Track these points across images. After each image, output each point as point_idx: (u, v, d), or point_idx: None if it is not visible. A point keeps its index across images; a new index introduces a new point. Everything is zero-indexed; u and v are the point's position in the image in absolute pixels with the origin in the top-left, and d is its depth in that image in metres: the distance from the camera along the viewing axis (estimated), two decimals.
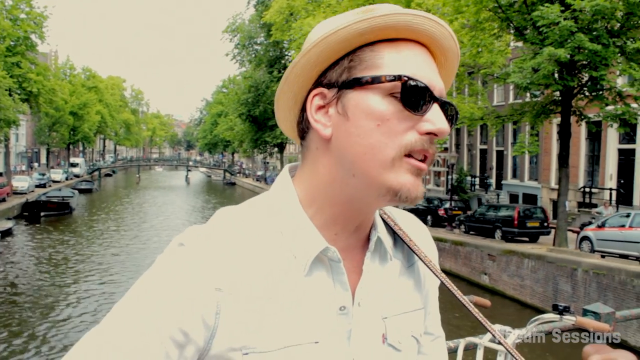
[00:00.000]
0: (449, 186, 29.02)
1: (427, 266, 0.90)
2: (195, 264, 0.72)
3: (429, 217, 24.67)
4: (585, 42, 13.56)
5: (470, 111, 19.02)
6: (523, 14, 15.67)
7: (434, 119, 0.74)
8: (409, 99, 0.73)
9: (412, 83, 0.73)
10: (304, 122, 0.82)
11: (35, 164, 62.73)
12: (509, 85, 21.08)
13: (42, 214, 32.25)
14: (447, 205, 25.16)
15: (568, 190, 17.58)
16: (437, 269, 0.91)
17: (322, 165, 0.79)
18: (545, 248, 16.88)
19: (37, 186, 42.28)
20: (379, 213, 0.89)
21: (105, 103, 73.86)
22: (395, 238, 0.91)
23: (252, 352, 0.72)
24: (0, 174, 38.50)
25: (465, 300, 0.92)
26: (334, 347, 0.77)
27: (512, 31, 17.14)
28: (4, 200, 32.76)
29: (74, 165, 64.36)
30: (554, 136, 23.58)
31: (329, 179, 0.79)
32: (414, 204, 0.77)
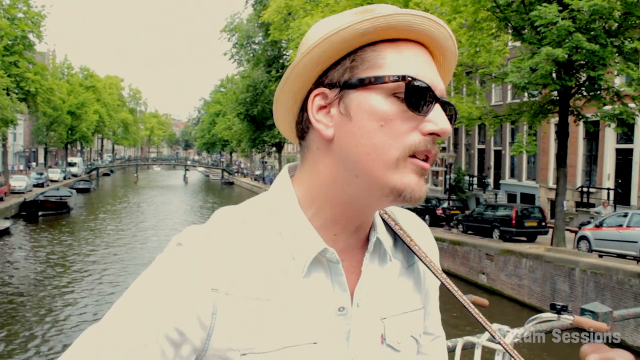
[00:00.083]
0: (447, 186, 29.02)
1: (428, 267, 0.90)
2: (193, 264, 0.73)
3: (427, 217, 24.64)
4: (583, 42, 13.57)
5: (468, 111, 19.02)
6: (521, 13, 15.69)
7: (437, 119, 0.74)
8: (413, 99, 0.73)
9: (416, 83, 0.73)
10: (303, 122, 0.81)
11: (33, 164, 62.62)
12: (507, 85, 21.10)
13: (40, 213, 32.21)
14: (445, 204, 25.14)
15: (566, 189, 17.59)
16: (438, 268, 0.91)
17: (324, 166, 0.79)
18: (543, 248, 16.88)
19: (35, 186, 42.22)
20: (379, 213, 0.89)
21: (103, 102, 73.76)
22: (396, 238, 0.91)
23: (250, 353, 0.72)
24: None
25: (465, 300, 0.92)
26: (333, 348, 0.77)
27: (510, 31, 17.13)
28: (1, 199, 32.69)
29: (71, 164, 64.16)
30: (552, 136, 23.59)
31: (330, 179, 0.79)
32: (417, 204, 0.77)
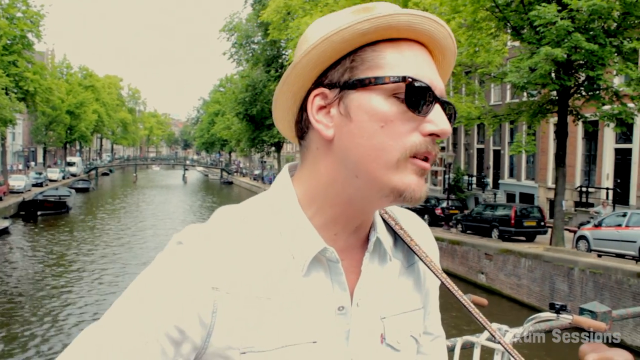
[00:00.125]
0: (446, 185, 29.02)
1: (428, 266, 0.90)
2: (193, 262, 0.73)
3: (426, 216, 24.66)
4: (582, 42, 13.58)
5: (467, 110, 19.03)
6: (520, 13, 15.69)
7: (436, 119, 0.74)
8: (413, 100, 0.73)
9: (416, 84, 0.73)
10: (303, 122, 0.81)
11: (32, 163, 62.64)
12: (506, 84, 21.11)
13: (39, 213, 32.21)
14: (444, 204, 25.15)
15: (565, 189, 17.60)
16: (438, 268, 0.91)
17: (324, 166, 0.79)
18: (542, 247, 16.88)
19: (34, 185, 42.21)
20: (380, 213, 0.89)
21: (102, 102, 73.75)
22: (396, 238, 0.91)
23: (250, 351, 0.73)
24: None
25: (465, 299, 0.93)
26: (332, 347, 0.77)
27: (509, 31, 17.14)
28: (0, 199, 32.67)
29: (70, 164, 64.14)
30: (551, 135, 23.59)
31: (331, 179, 0.79)
32: (418, 204, 0.77)
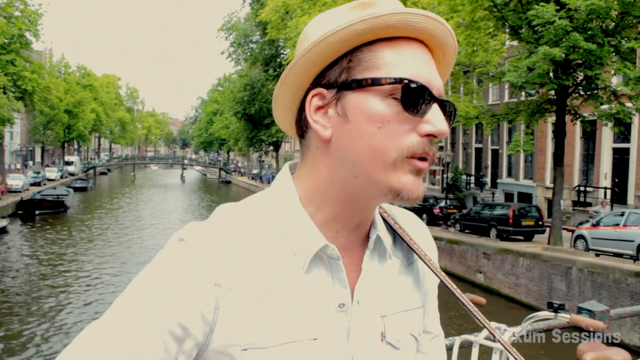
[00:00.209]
0: (444, 185, 29.05)
1: (427, 265, 0.90)
2: (195, 259, 0.73)
3: (424, 216, 24.64)
4: (580, 42, 13.59)
5: (465, 110, 19.04)
6: (518, 13, 15.70)
7: (434, 120, 0.74)
8: (409, 101, 0.73)
9: (413, 85, 0.73)
10: (302, 122, 0.81)
11: (30, 162, 62.52)
12: (504, 84, 21.12)
13: (37, 212, 32.17)
14: (443, 203, 25.16)
15: (563, 189, 17.62)
16: (437, 267, 0.91)
17: (323, 165, 0.79)
18: (540, 247, 16.90)
19: (32, 184, 42.11)
20: (379, 211, 0.89)
21: (100, 101, 73.61)
22: (395, 236, 0.91)
23: (251, 348, 0.73)
24: None
25: (464, 298, 0.93)
26: (333, 344, 0.77)
27: (508, 30, 17.15)
28: None
29: (68, 163, 64.06)
30: (549, 135, 23.62)
31: (330, 178, 0.79)
32: (415, 203, 0.77)
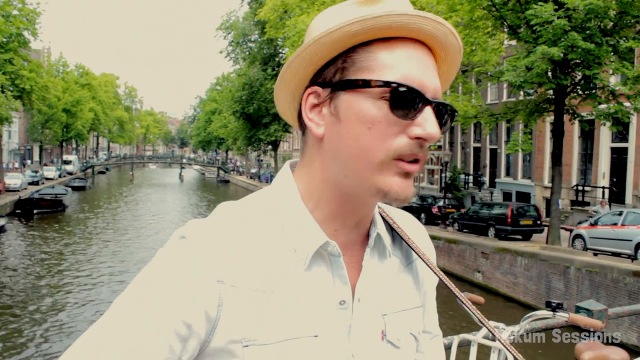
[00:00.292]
0: (443, 184, 29.06)
1: (426, 264, 0.90)
2: (198, 256, 0.73)
3: (423, 215, 24.69)
4: (579, 41, 13.60)
5: (464, 109, 19.06)
6: (517, 12, 15.71)
7: (425, 123, 0.73)
8: (398, 104, 0.73)
9: (402, 89, 0.72)
10: (302, 118, 0.82)
11: (28, 161, 62.39)
12: (503, 83, 21.11)
13: (35, 211, 32.11)
14: (441, 203, 25.18)
15: (561, 188, 17.65)
16: (436, 267, 0.92)
17: (318, 163, 0.80)
18: (538, 246, 16.90)
19: (30, 183, 42.04)
20: (378, 211, 0.89)
21: (98, 100, 73.53)
22: (394, 236, 0.92)
23: (252, 345, 0.73)
24: None
25: (463, 297, 0.93)
26: (333, 342, 0.78)
27: (506, 30, 17.16)
28: None
29: (67, 162, 63.98)
30: (547, 134, 23.66)
31: (324, 177, 0.80)
32: (405, 203, 0.77)
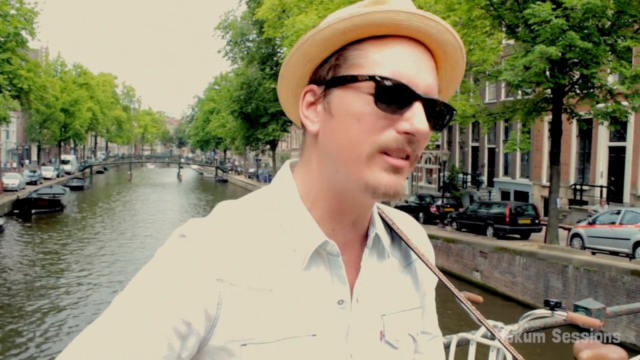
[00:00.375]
0: (441, 183, 29.07)
1: (426, 264, 0.91)
2: (197, 254, 0.73)
3: (421, 214, 24.70)
4: (577, 40, 13.61)
5: (462, 109, 19.06)
6: (515, 11, 15.72)
7: (413, 118, 0.73)
8: (385, 99, 0.73)
9: (387, 83, 0.72)
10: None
11: (26, 161, 62.27)
12: (501, 82, 21.11)
13: (33, 211, 32.05)
14: (439, 202, 25.18)
15: (559, 187, 17.66)
16: (435, 267, 0.92)
17: (315, 161, 0.81)
18: (536, 245, 16.93)
19: (28, 183, 42.01)
20: (377, 211, 0.89)
21: (96, 100, 73.37)
22: (393, 236, 0.92)
23: (251, 343, 0.73)
24: None
25: (462, 296, 0.94)
26: (332, 341, 0.78)
27: (504, 29, 17.17)
28: None
29: (65, 162, 63.89)
30: (546, 134, 23.67)
31: (320, 174, 0.80)
32: (397, 199, 0.77)
